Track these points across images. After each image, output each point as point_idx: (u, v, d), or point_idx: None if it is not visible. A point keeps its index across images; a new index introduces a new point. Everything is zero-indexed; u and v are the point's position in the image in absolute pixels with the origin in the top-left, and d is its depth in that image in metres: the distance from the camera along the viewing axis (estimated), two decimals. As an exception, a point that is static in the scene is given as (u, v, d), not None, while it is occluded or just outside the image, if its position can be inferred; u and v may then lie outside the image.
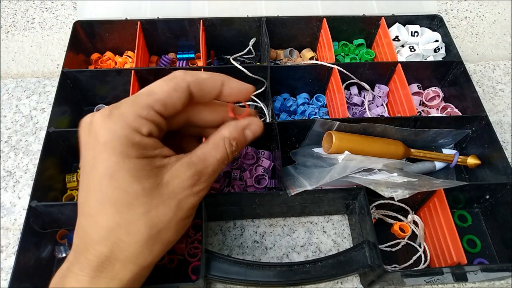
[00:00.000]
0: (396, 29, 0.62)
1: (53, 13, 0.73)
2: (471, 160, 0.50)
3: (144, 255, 0.26)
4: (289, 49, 0.64)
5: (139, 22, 0.58)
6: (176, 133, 0.32)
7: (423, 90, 0.60)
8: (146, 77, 0.54)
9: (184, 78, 0.27)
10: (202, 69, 0.53)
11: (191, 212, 0.28)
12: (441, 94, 0.58)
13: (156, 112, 0.26)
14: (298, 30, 0.62)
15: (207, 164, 0.28)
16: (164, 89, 0.27)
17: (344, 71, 0.55)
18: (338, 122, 0.48)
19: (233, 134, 0.30)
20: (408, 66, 0.56)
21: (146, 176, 0.25)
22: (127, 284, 0.26)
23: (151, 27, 0.59)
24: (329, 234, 0.50)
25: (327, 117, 0.58)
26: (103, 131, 0.25)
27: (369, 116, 0.56)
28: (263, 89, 0.57)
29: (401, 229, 0.48)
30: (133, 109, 0.26)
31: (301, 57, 0.65)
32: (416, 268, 0.46)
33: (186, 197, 0.27)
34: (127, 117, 0.25)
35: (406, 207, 0.47)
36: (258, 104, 0.57)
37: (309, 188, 0.43)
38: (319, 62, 0.55)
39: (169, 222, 0.26)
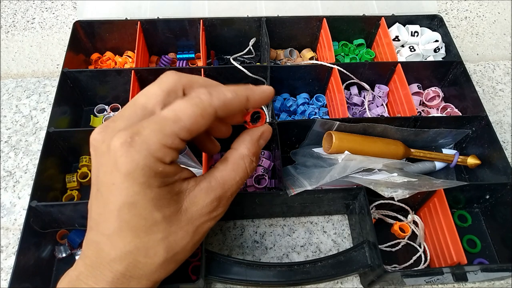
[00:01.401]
0: (396, 29, 0.62)
1: (53, 13, 0.73)
2: (471, 160, 0.50)
3: (159, 274, 0.27)
4: (289, 49, 0.64)
5: (139, 22, 0.58)
6: None
7: (423, 90, 0.60)
8: (146, 77, 0.54)
9: (211, 103, 0.25)
10: (202, 69, 0.53)
11: (206, 233, 0.29)
12: (441, 94, 0.58)
13: (181, 140, 0.25)
14: (298, 30, 0.62)
15: (226, 188, 0.28)
16: (191, 115, 0.25)
17: (344, 71, 0.55)
18: (338, 122, 0.48)
19: (252, 150, 0.29)
20: (408, 66, 0.56)
21: (167, 204, 0.26)
22: None
23: (151, 27, 0.59)
24: (329, 234, 0.50)
25: (327, 117, 0.58)
26: (124, 160, 0.23)
27: (369, 116, 0.56)
28: (263, 89, 0.57)
29: (401, 229, 0.48)
30: (158, 138, 0.24)
31: (301, 57, 0.65)
32: (416, 268, 0.46)
33: (204, 223, 0.28)
34: (150, 146, 0.24)
35: (406, 207, 0.47)
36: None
37: (309, 188, 0.43)
38: (319, 62, 0.55)
39: (186, 246, 0.27)
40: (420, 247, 0.48)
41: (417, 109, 0.58)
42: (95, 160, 0.26)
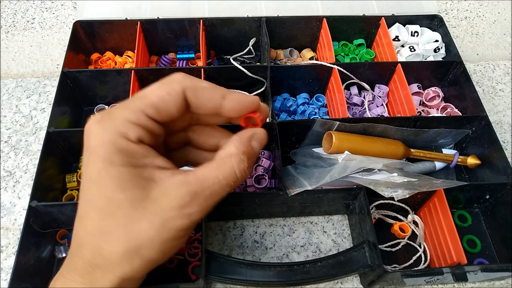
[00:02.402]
0: (396, 29, 0.62)
1: (53, 13, 0.73)
2: (471, 160, 0.50)
3: (123, 268, 0.25)
4: (289, 49, 0.64)
5: (139, 22, 0.58)
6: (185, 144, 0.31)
7: (423, 90, 0.60)
8: (146, 77, 0.54)
9: (181, 81, 0.26)
10: (202, 69, 0.53)
11: (181, 234, 0.25)
12: (441, 94, 0.58)
13: (148, 116, 0.25)
14: (298, 30, 0.62)
15: (204, 185, 0.25)
16: (158, 93, 0.25)
17: (344, 71, 0.55)
18: (338, 122, 0.48)
19: (241, 148, 0.26)
20: (408, 66, 0.56)
21: (132, 186, 0.24)
22: None
23: (151, 27, 0.59)
24: (329, 234, 0.50)
25: (327, 117, 0.58)
26: (93, 136, 0.24)
27: (369, 116, 0.56)
28: (263, 89, 0.57)
29: (401, 229, 0.48)
30: (123, 114, 0.24)
31: (301, 57, 0.65)
32: (416, 268, 0.46)
33: (173, 218, 0.25)
34: (116, 121, 0.24)
35: (406, 207, 0.47)
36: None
37: (309, 188, 0.43)
38: (319, 62, 0.55)
39: (151, 240, 0.24)
40: (420, 247, 0.48)
41: (417, 109, 0.58)
42: (83, 144, 0.26)
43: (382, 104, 0.59)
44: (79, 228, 0.25)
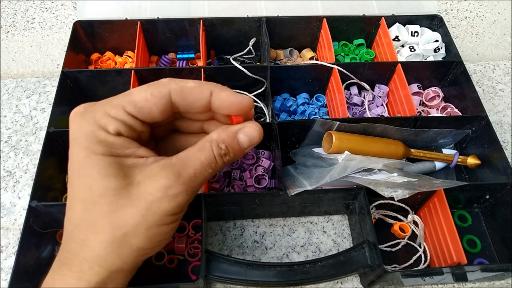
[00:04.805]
0: (396, 29, 0.62)
1: (53, 13, 0.73)
2: (471, 160, 0.50)
3: (111, 259, 0.24)
4: (289, 49, 0.64)
5: (139, 22, 0.58)
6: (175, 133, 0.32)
7: (423, 90, 0.60)
8: (146, 77, 0.54)
9: (166, 84, 0.26)
10: (202, 69, 0.53)
11: (168, 219, 0.25)
12: (441, 94, 0.58)
13: (127, 113, 0.25)
14: (298, 30, 0.62)
15: (187, 165, 0.25)
16: (141, 93, 0.26)
17: (344, 71, 0.55)
18: (338, 122, 0.48)
19: (222, 136, 0.27)
20: (408, 66, 0.56)
21: (114, 174, 0.24)
22: (95, 286, 0.25)
23: (151, 27, 0.59)
24: (329, 234, 0.50)
25: (327, 117, 0.58)
26: (74, 126, 0.25)
27: (369, 116, 0.56)
28: (263, 89, 0.57)
29: (401, 229, 0.48)
30: (104, 108, 0.25)
31: (301, 57, 0.65)
32: (416, 268, 0.46)
33: (159, 200, 0.24)
34: (96, 114, 0.25)
35: (406, 207, 0.47)
36: (258, 104, 0.57)
37: (309, 188, 0.43)
38: (319, 62, 0.55)
39: (137, 226, 0.24)
40: (420, 247, 0.48)
41: (417, 109, 0.58)
42: None
43: (382, 104, 0.59)
44: (67, 220, 0.25)
